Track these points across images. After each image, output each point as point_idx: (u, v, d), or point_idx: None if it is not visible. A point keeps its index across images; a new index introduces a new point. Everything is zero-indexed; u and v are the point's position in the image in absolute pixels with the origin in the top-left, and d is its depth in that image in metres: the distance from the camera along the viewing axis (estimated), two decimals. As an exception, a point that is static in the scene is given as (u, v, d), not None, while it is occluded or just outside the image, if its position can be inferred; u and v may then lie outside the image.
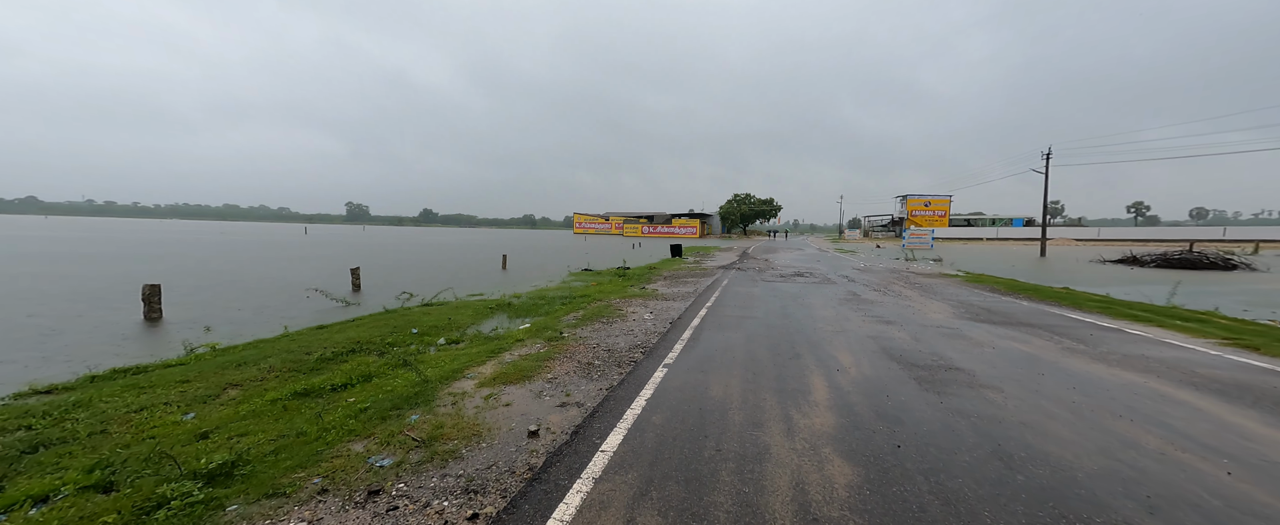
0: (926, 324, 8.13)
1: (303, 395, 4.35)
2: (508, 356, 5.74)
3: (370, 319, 8.16)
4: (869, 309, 9.68)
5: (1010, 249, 44.43)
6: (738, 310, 9.45)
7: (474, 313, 9.04)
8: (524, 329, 7.38)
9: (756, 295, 11.57)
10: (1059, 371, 5.39)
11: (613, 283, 14.30)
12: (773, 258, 27.47)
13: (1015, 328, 7.84)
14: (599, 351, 6.13)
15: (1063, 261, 27.32)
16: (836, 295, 11.73)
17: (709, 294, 11.75)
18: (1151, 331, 7.55)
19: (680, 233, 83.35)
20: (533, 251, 34.98)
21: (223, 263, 20.91)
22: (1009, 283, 14.73)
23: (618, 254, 32.82)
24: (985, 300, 11.05)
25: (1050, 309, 9.78)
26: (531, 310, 9.53)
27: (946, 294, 12.17)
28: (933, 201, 74.45)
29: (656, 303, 10.30)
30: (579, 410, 4.13)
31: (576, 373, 5.20)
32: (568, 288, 13.37)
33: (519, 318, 8.96)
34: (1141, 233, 66.27)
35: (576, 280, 15.54)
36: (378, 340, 6.44)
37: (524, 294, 11.81)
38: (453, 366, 5.17)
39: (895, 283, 14.81)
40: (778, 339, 6.91)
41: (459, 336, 7.02)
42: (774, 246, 45.89)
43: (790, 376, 5.14)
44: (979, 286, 13.82)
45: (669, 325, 7.95)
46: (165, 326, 8.47)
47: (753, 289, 12.82)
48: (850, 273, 18.33)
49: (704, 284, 13.95)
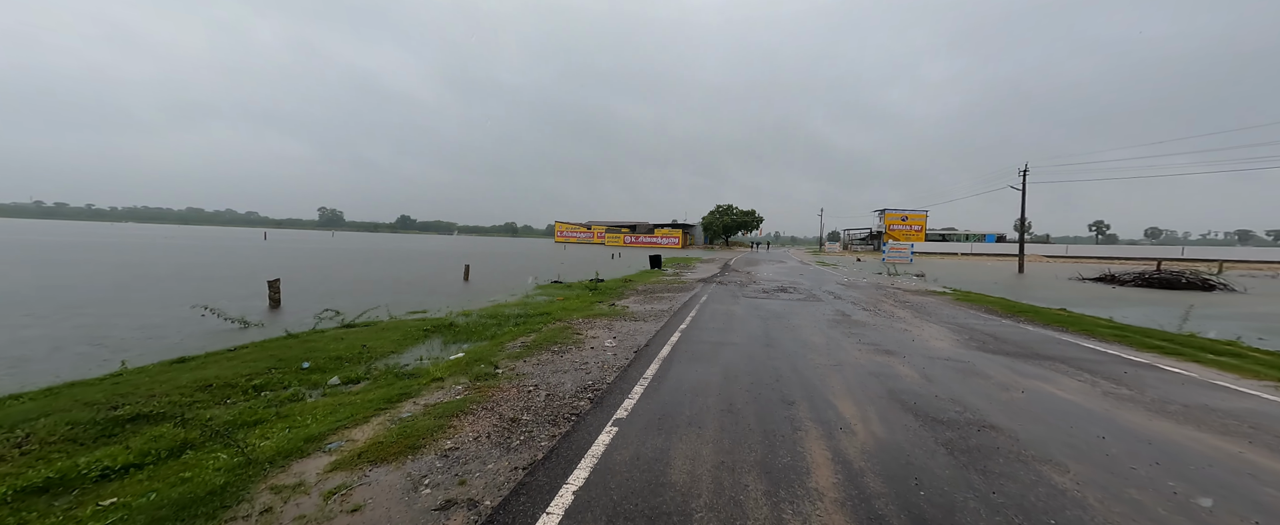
0: (933, 355, 6.91)
1: (40, 491, 2.81)
2: (408, 408, 4.26)
3: (255, 349, 6.48)
4: (863, 334, 8.46)
5: (986, 265, 44.46)
6: (716, 334, 8.12)
7: (401, 337, 7.50)
8: (451, 361, 5.90)
9: (737, 315, 10.28)
10: (1122, 432, 4.17)
11: (580, 298, 12.85)
12: (755, 271, 26.38)
13: (1035, 362, 6.68)
14: (535, 398, 4.69)
15: (1042, 278, 26.90)
16: (824, 316, 10.51)
17: (685, 313, 10.41)
18: (1191, 368, 6.47)
19: (663, 243, 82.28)
20: (505, 260, 33.27)
21: (131, 272, 18.76)
22: (1001, 302, 13.78)
23: (595, 264, 31.36)
24: (986, 323, 9.97)
25: (1061, 336, 8.71)
26: (475, 333, 8.03)
27: (941, 315, 11.08)
28: (910, 216, 75.07)
29: (624, 324, 8.91)
30: (467, 517, 2.69)
31: (491, 437, 3.76)
32: (528, 303, 11.87)
33: (456, 343, 7.46)
34: (1105, 251, 67.78)
35: (542, 294, 14.04)
36: (243, 381, 4.88)
37: (475, 311, 10.28)
38: (314, 428, 3.67)
39: (884, 301, 13.73)
40: (762, 376, 5.58)
41: (363, 373, 5.50)
42: (756, 258, 45.01)
43: (780, 441, 3.80)
44: (972, 307, 12.81)
45: (633, 355, 6.56)
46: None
47: (733, 307, 11.53)
48: (835, 288, 17.26)
49: (681, 300, 12.61)
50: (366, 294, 13.68)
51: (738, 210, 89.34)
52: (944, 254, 66.44)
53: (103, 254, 25.33)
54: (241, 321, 8.34)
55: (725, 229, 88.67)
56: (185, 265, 20.92)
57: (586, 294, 13.66)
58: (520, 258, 37.05)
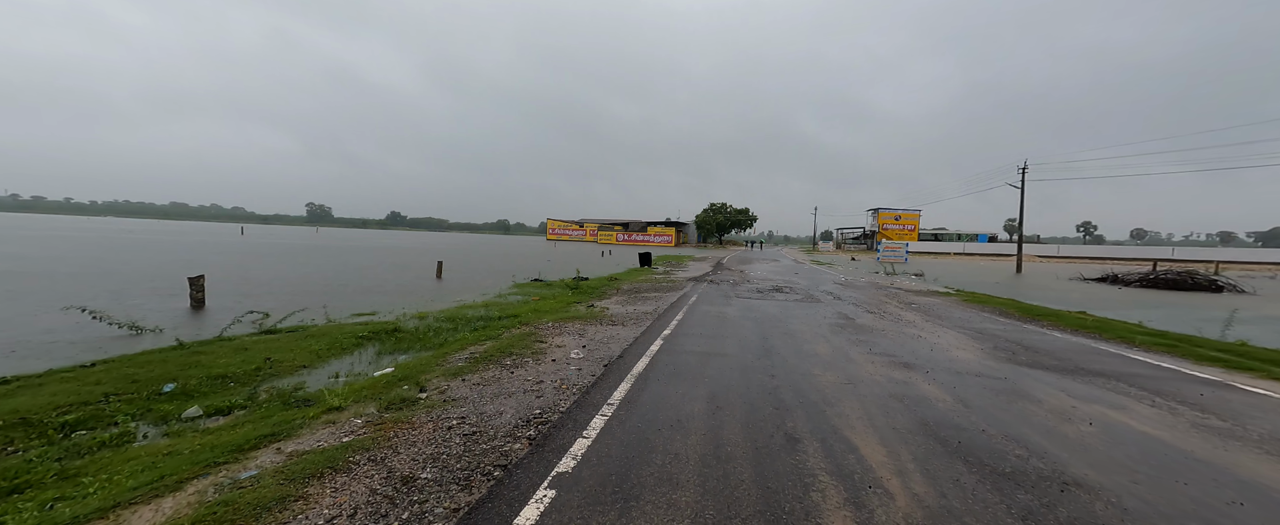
0: (960, 369, 5.75)
1: None
2: (265, 458, 3.01)
3: (112, 365, 5.01)
4: (872, 341, 7.29)
5: (981, 264, 43.70)
6: (704, 342, 6.91)
7: (325, 346, 6.22)
8: (369, 381, 4.64)
9: (729, 318, 9.07)
10: (1260, 493, 3.01)
11: (558, 298, 11.60)
12: (748, 269, 25.23)
13: (1085, 380, 5.53)
14: (450, 439, 3.45)
15: (1042, 279, 25.99)
16: (826, 319, 9.34)
17: (671, 315, 9.19)
18: (1273, 388, 5.36)
19: (656, 241, 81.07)
20: (489, 258, 31.91)
21: (59, 266, 17.24)
22: (1012, 303, 12.70)
23: (584, 261, 30.09)
24: (1005, 328, 8.85)
25: (1098, 345, 7.59)
26: (421, 340, 6.76)
27: (953, 318, 9.96)
28: (903, 215, 74.38)
29: (599, 329, 7.67)
30: None
31: (358, 515, 2.51)
32: (498, 304, 10.60)
33: (393, 354, 6.20)
34: (1096, 251, 67.50)
35: (517, 293, 12.77)
36: (53, 416, 3.60)
37: (433, 314, 9.00)
38: (87, 505, 2.41)
39: (888, 302, 12.60)
40: (759, 402, 4.38)
41: (245, 398, 4.22)
42: (749, 257, 43.93)
43: (788, 510, 2.59)
44: (983, 308, 11.70)
45: (602, 370, 5.34)
46: None
47: (725, 309, 10.33)
48: (833, 288, 16.13)
49: (668, 301, 11.39)
50: (320, 293, 12.32)
51: (731, 208, 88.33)
52: (937, 253, 65.80)
53: (53, 248, 23.65)
54: (132, 327, 6.93)
55: (719, 227, 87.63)
56: (116, 261, 19.36)
57: (565, 294, 12.40)
58: (506, 255, 35.69)
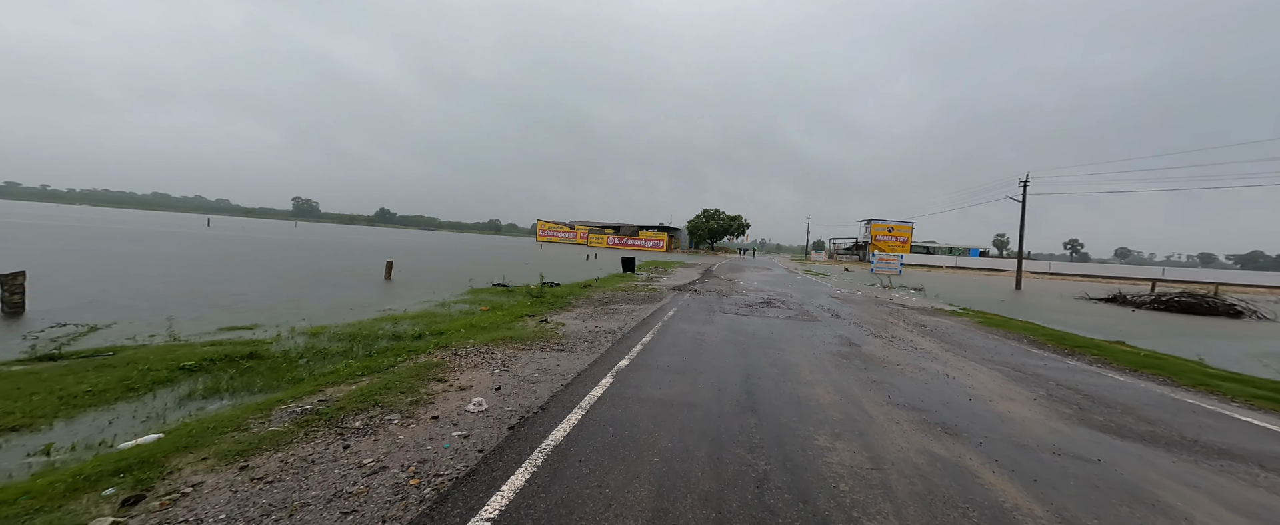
0: (1025, 440, 3.98)
1: None
2: None
3: None
4: (889, 381, 5.52)
5: (975, 279, 42.34)
6: (668, 382, 5.08)
7: (118, 382, 4.31)
8: (64, 474, 2.75)
9: (709, 343, 7.26)
10: None
11: (510, 308, 9.73)
12: (738, 278, 23.49)
13: (1212, 463, 3.76)
14: None
15: (1046, 298, 24.48)
16: (826, 344, 7.56)
17: (637, 337, 7.37)
18: None
19: (647, 246, 79.22)
20: (462, 258, 29.93)
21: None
22: (1037, 329, 11.00)
23: (565, 265, 28.22)
24: (1047, 365, 7.12)
25: (1178, 395, 5.85)
26: (276, 372, 4.88)
27: (976, 347, 8.23)
28: (895, 227, 73.28)
29: (536, 357, 5.83)
30: None
31: None
32: (431, 316, 8.72)
33: (221, 394, 4.31)
34: (1087, 268, 66.70)
35: (468, 301, 10.88)
36: None
37: (334, 330, 7.10)
38: None
39: (893, 322, 10.87)
40: (734, 506, 2.56)
41: None
42: (741, 265, 42.24)
43: None
44: (1007, 335, 9.99)
45: (502, 436, 3.50)
46: None
47: (706, 328, 8.52)
48: (829, 303, 14.40)
49: (639, 316, 9.57)
50: (223, 297, 10.39)
51: (724, 215, 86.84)
52: (930, 267, 64.65)
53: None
54: None
55: (711, 233, 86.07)
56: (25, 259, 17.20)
57: (523, 303, 10.53)
58: (485, 256, 33.70)
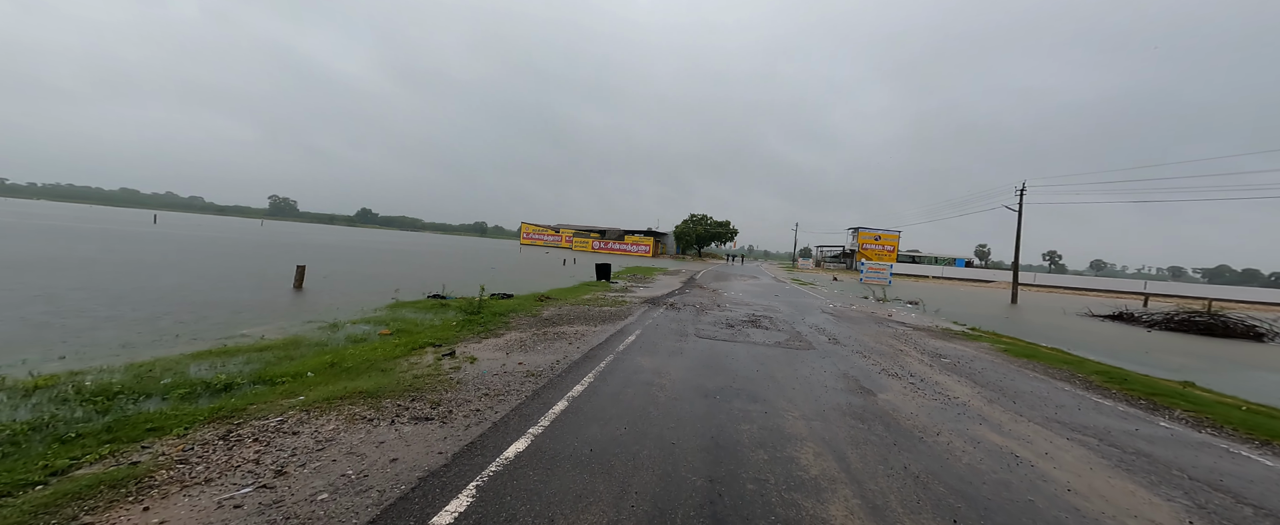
0: None
1: None
2: None
3: None
4: (937, 473, 3.38)
5: (965, 291, 40.84)
6: (571, 501, 2.87)
7: None
8: None
9: (668, 389, 5.06)
10: None
11: (421, 332, 7.44)
12: (723, 288, 21.38)
13: None
14: None
15: (1046, 313, 22.77)
16: (830, 391, 5.41)
17: (567, 383, 5.14)
18: None
19: (633, 251, 76.99)
20: (416, 262, 27.48)
21: None
22: (1078, 362, 9.01)
23: (537, 271, 25.94)
24: (1142, 432, 5.05)
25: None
26: None
27: (1022, 394, 6.16)
28: (882, 236, 72.12)
29: (368, 438, 3.58)
30: None
31: None
32: (295, 344, 6.38)
33: None
34: (1070, 281, 66.11)
35: (377, 320, 8.55)
36: None
37: (120, 369, 4.75)
38: None
39: (903, 349, 8.79)
40: None
41: None
42: (727, 272, 40.22)
43: None
44: (1050, 371, 7.95)
45: None
46: None
47: (670, 363, 6.32)
48: (824, 322, 12.32)
49: (588, 343, 7.35)
50: (64, 308, 7.99)
51: (712, 220, 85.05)
52: (917, 277, 63.44)
53: None
54: None
55: (699, 239, 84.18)
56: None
57: (448, 324, 8.23)
58: (448, 260, 31.26)
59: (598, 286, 17.98)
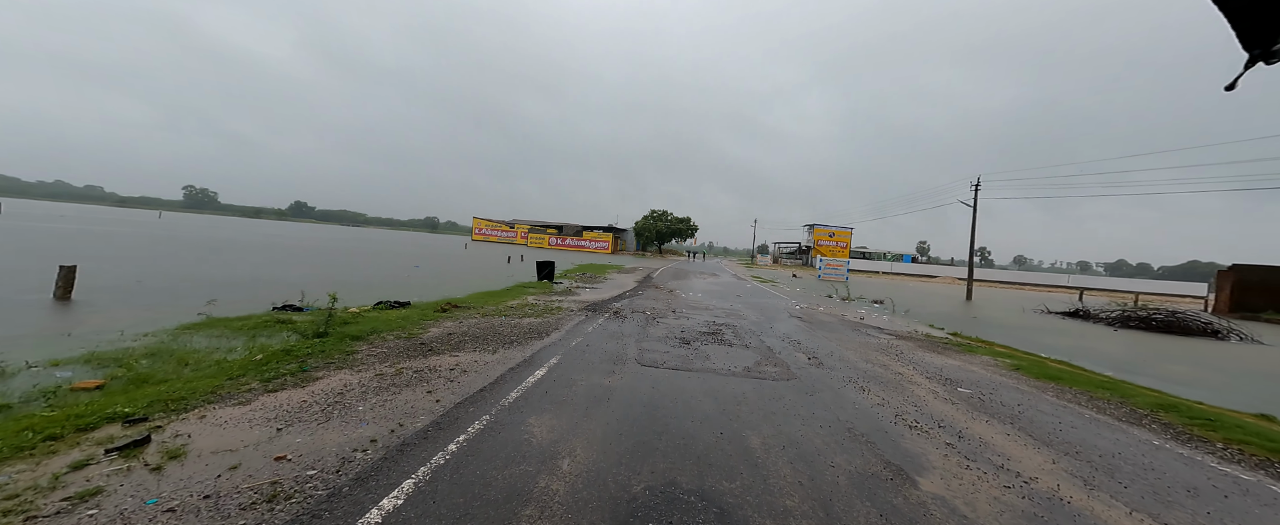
0: None
1: None
2: None
3: None
4: None
5: (917, 286, 40.93)
6: None
7: None
8: None
9: (549, 511, 2.54)
10: None
11: (163, 383, 4.50)
12: (680, 289, 19.10)
13: None
14: None
15: (1006, 312, 22.06)
16: (834, 469, 3.07)
17: (341, 513, 2.50)
18: None
19: (591, 247, 73.89)
20: (314, 259, 23.65)
21: None
22: (1104, 383, 7.25)
23: (470, 270, 22.76)
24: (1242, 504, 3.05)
25: None
26: None
27: (1090, 449, 4.10)
28: (836, 232, 72.95)
29: None
30: None
31: None
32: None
33: None
34: (1005, 276, 69.31)
35: (102, 358, 5.43)
36: None
37: None
38: None
39: (898, 369, 6.69)
40: None
41: None
42: (687, 269, 38.22)
43: None
44: (1083, 398, 6.04)
45: None
46: None
47: (582, 426, 3.79)
48: (793, 329, 10.19)
49: (466, 388, 4.70)
50: None
51: (672, 216, 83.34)
52: (869, 272, 64.34)
53: None
54: None
55: (659, 236, 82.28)
56: None
57: (248, 358, 5.28)
58: (358, 258, 27.40)
59: (536, 288, 15.18)
